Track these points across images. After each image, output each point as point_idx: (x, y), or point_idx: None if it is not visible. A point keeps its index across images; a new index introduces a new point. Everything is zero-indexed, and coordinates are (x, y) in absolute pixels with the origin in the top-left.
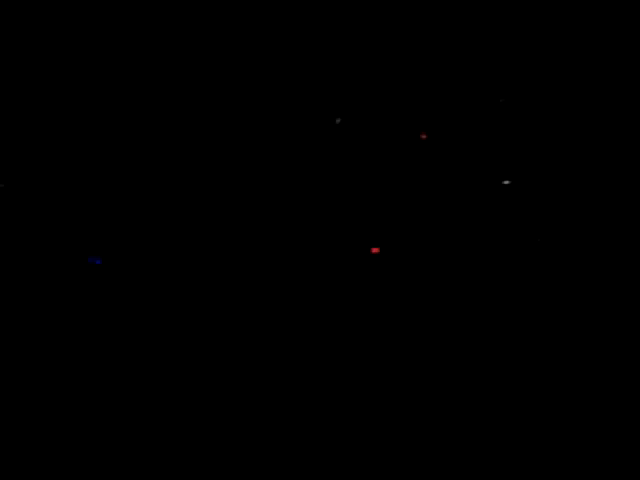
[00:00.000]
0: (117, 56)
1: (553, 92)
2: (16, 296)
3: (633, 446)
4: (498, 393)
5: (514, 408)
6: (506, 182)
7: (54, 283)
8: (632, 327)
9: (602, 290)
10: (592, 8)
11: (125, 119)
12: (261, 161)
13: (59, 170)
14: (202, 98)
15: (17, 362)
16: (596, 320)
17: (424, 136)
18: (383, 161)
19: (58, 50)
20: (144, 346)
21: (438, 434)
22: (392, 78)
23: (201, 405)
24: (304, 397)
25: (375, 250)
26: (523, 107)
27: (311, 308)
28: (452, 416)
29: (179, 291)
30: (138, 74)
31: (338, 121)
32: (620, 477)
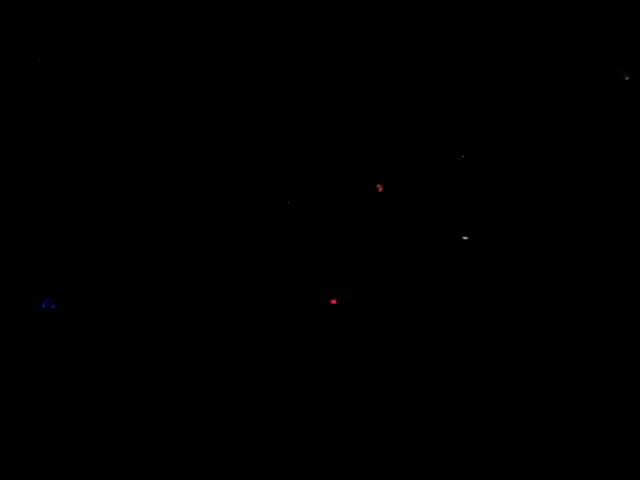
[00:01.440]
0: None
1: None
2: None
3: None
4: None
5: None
6: (465, 237)
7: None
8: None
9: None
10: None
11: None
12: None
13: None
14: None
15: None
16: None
17: (380, 188)
18: (343, 208)
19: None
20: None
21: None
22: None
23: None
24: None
25: (333, 301)
26: (484, 164)
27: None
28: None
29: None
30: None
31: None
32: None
